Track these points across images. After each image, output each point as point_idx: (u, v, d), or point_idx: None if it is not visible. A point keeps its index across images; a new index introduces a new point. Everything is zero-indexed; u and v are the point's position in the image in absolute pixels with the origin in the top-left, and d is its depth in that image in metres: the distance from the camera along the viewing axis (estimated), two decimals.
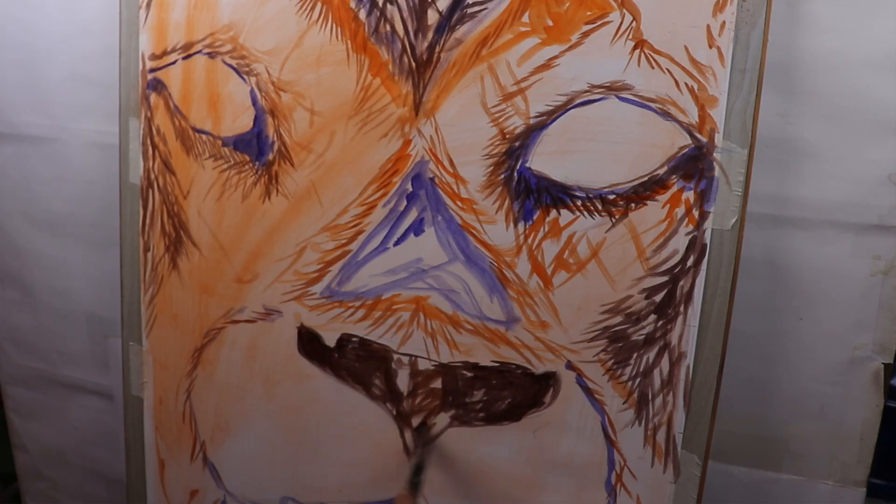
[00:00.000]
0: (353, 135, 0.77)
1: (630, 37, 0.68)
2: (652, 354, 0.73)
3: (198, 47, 0.83)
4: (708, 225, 0.70)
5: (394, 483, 0.84)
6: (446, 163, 0.75)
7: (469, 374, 0.79)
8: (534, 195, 0.73)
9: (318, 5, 0.77)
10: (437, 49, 0.73)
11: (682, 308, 0.72)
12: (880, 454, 0.83)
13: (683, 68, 0.68)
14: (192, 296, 0.89)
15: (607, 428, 0.76)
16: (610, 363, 0.75)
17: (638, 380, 0.74)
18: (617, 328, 0.74)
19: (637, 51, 0.68)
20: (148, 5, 0.85)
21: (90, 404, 1.21)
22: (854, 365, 0.81)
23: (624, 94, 0.69)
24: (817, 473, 0.85)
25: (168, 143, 0.87)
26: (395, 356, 0.80)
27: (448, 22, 0.72)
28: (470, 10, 0.71)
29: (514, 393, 0.78)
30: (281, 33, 0.79)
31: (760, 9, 0.66)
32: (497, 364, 0.78)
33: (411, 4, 0.73)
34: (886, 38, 0.73)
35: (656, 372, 0.73)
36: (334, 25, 0.76)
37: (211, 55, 0.82)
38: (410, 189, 0.76)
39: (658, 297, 0.72)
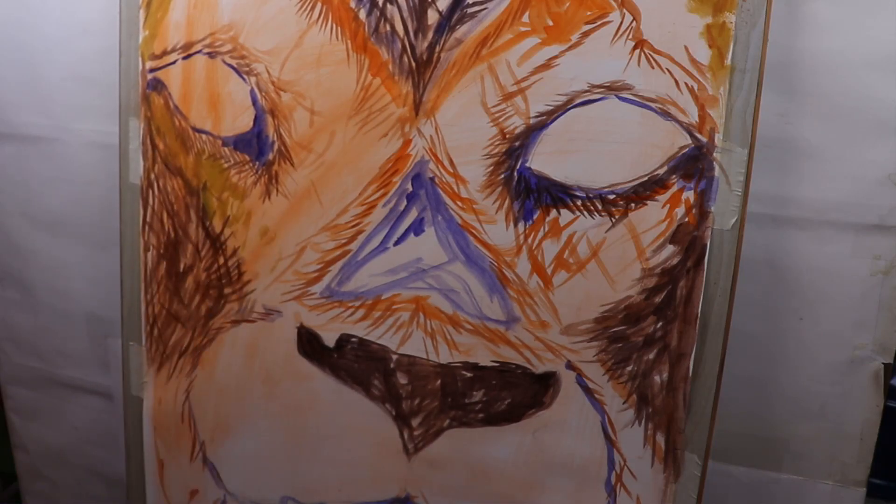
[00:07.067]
0: (353, 135, 0.77)
1: (630, 37, 0.68)
2: (652, 354, 0.73)
3: (198, 47, 0.83)
4: (708, 225, 0.70)
5: (394, 483, 0.84)
6: (446, 162, 0.75)
7: (469, 375, 0.79)
8: (534, 195, 0.73)
9: (318, 5, 0.77)
10: (437, 49, 0.73)
11: (681, 308, 0.72)
12: (880, 454, 0.83)
13: (683, 68, 0.68)
14: (191, 296, 0.89)
15: (607, 428, 0.76)
16: (610, 363, 0.75)
17: (638, 380, 0.74)
18: (617, 328, 0.74)
19: (637, 51, 0.68)
20: (148, 5, 0.85)
21: (90, 404, 1.21)
22: (854, 365, 0.81)
23: (624, 94, 0.69)
24: (817, 473, 0.85)
25: (168, 143, 0.87)
26: (395, 356, 0.80)
27: (448, 22, 0.72)
28: (470, 10, 0.71)
29: (513, 393, 0.78)
30: (281, 33, 0.79)
31: (760, 9, 0.66)
32: (497, 364, 0.78)
33: (411, 4, 0.73)
34: (886, 38, 0.73)
35: (656, 372, 0.73)
36: (334, 25, 0.76)
37: (211, 55, 0.82)
38: (410, 189, 0.76)
39: (658, 298, 0.72)
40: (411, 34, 0.73)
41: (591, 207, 0.72)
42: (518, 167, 0.73)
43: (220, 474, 0.92)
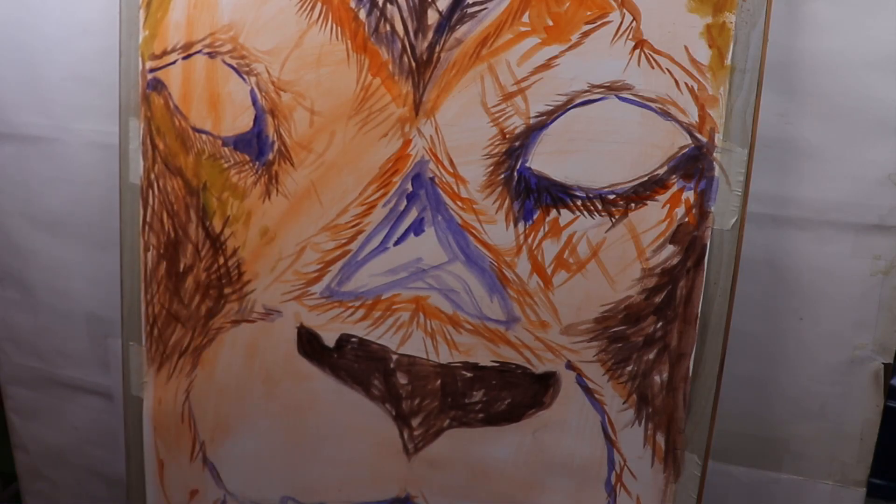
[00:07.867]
0: (353, 135, 0.77)
1: (630, 37, 0.68)
2: (652, 354, 0.73)
3: (198, 47, 0.83)
4: (708, 225, 0.70)
5: (394, 483, 0.84)
6: (446, 162, 0.75)
7: (469, 375, 0.79)
8: (534, 195, 0.73)
9: (318, 5, 0.77)
10: (437, 49, 0.73)
11: (681, 308, 0.72)
12: (880, 454, 0.83)
13: (683, 68, 0.68)
14: (191, 296, 0.89)
15: (607, 428, 0.76)
16: (610, 363, 0.75)
17: (638, 380, 0.74)
18: (617, 328, 0.74)
19: (637, 51, 0.68)
20: (148, 5, 0.85)
21: (90, 404, 1.21)
22: (854, 365, 0.81)
23: (624, 94, 0.69)
24: (817, 473, 0.85)
25: (168, 143, 0.87)
26: (395, 356, 0.80)
27: (448, 22, 0.72)
28: (470, 10, 0.71)
29: (513, 393, 0.78)
30: (281, 33, 0.79)
31: (760, 9, 0.66)
32: (497, 364, 0.78)
33: (411, 4, 0.73)
34: (886, 38, 0.73)
35: (656, 372, 0.73)
36: (334, 25, 0.76)
37: (211, 55, 0.82)
38: (410, 189, 0.76)
39: (658, 298, 0.72)
40: (411, 34, 0.73)
41: (591, 207, 0.72)
42: (518, 167, 0.73)
43: (220, 474, 0.92)
